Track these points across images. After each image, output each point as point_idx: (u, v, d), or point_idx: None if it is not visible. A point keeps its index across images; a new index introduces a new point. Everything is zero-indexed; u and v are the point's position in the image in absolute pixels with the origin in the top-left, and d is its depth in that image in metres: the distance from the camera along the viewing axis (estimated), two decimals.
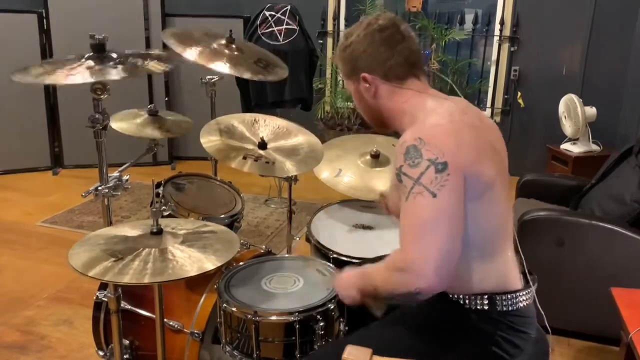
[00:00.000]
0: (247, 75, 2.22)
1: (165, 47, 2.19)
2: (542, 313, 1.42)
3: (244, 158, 1.98)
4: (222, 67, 2.14)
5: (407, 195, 1.14)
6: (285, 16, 4.06)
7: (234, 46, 2.28)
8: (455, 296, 1.25)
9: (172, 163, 5.04)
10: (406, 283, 1.11)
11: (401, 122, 1.31)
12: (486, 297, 1.24)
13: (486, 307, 1.24)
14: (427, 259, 1.09)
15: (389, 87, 1.30)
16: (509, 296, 1.25)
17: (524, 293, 1.27)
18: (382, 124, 1.40)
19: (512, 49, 4.70)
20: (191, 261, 1.32)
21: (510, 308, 1.25)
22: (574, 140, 4.16)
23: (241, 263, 1.71)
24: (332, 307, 1.49)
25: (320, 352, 1.45)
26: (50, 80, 1.40)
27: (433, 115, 1.22)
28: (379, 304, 1.36)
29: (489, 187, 1.20)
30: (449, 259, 1.11)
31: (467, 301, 1.25)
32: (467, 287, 1.24)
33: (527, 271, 1.35)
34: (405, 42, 1.30)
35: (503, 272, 1.27)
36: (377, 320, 1.40)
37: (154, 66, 1.49)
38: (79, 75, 1.38)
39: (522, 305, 1.26)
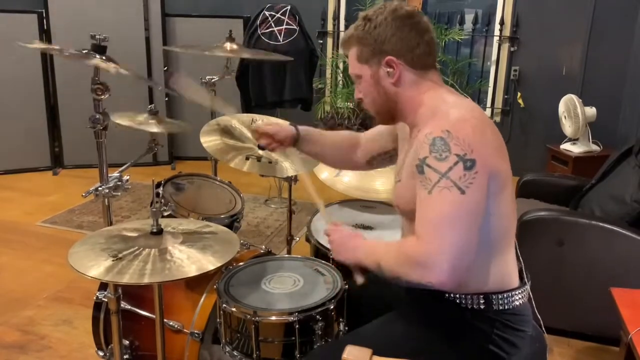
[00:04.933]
0: (246, 55, 2.20)
1: (165, 49, 2.19)
2: (537, 314, 1.42)
3: (247, 159, 1.98)
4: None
5: (431, 189, 1.12)
6: (285, 16, 4.06)
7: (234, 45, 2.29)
8: (452, 295, 1.25)
9: (172, 163, 5.04)
10: (420, 276, 1.11)
11: (414, 114, 1.28)
12: (482, 296, 1.24)
13: (482, 306, 1.24)
14: (446, 255, 1.08)
15: (413, 75, 1.27)
16: (505, 295, 1.25)
17: (520, 291, 1.28)
18: (389, 116, 1.35)
19: (512, 49, 4.70)
20: (191, 261, 1.32)
21: (506, 307, 1.25)
22: (574, 140, 4.16)
23: (241, 263, 1.71)
24: (331, 307, 1.48)
25: (319, 351, 1.45)
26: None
27: (457, 109, 1.20)
28: (363, 275, 1.36)
29: (503, 188, 1.20)
30: (467, 256, 1.11)
31: (463, 300, 1.25)
32: (465, 287, 1.24)
33: (523, 269, 1.35)
34: (430, 32, 1.29)
35: (502, 271, 1.27)
36: (372, 313, 1.41)
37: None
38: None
39: (517, 303, 1.27)
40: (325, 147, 1.66)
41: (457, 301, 1.25)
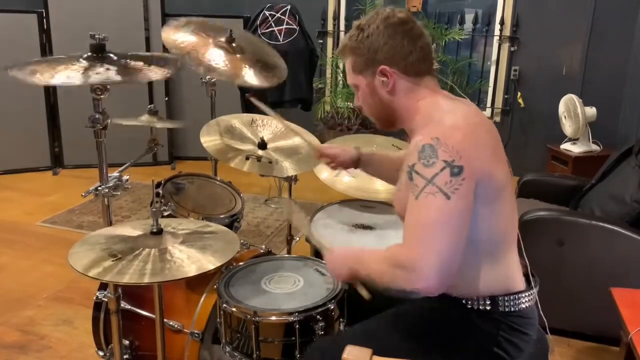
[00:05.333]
0: (246, 77, 2.20)
1: (165, 49, 2.18)
2: (543, 316, 1.42)
3: (247, 159, 1.98)
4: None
5: (418, 194, 1.12)
6: (285, 16, 4.06)
7: (234, 45, 2.27)
8: (458, 297, 1.25)
9: (172, 163, 5.04)
10: (405, 281, 1.11)
11: (412, 121, 1.29)
12: (488, 298, 1.24)
13: (488, 308, 1.24)
14: (430, 260, 1.08)
15: (408, 82, 1.28)
16: (511, 297, 1.25)
17: (526, 294, 1.27)
18: (389, 123, 1.36)
19: (512, 49, 4.70)
20: (191, 261, 1.32)
21: (512, 309, 1.25)
22: (574, 140, 4.16)
23: (241, 263, 1.71)
24: (332, 307, 1.49)
25: (321, 345, 1.43)
26: (36, 79, 1.37)
27: (450, 116, 1.20)
28: (366, 288, 1.38)
29: (501, 190, 1.20)
30: (452, 262, 1.10)
31: (469, 302, 1.25)
32: (471, 289, 1.24)
33: (530, 273, 1.34)
34: (424, 38, 1.28)
35: (507, 274, 1.27)
36: (372, 313, 1.40)
37: (154, 71, 1.48)
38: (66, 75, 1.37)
39: (524, 306, 1.26)
40: (388, 169, 1.68)
41: (463, 301, 1.25)
